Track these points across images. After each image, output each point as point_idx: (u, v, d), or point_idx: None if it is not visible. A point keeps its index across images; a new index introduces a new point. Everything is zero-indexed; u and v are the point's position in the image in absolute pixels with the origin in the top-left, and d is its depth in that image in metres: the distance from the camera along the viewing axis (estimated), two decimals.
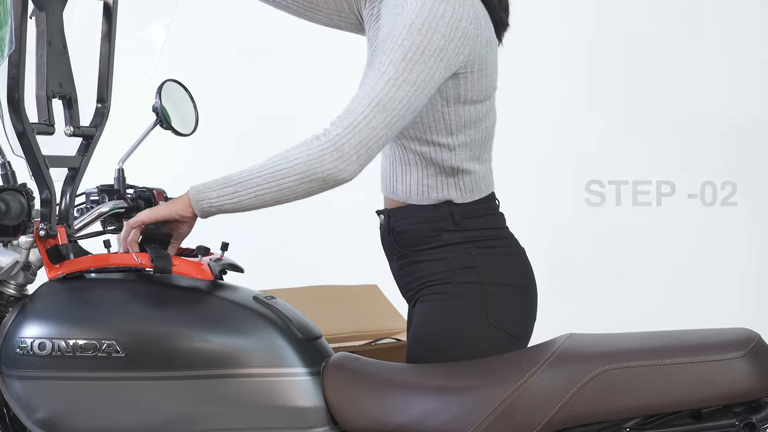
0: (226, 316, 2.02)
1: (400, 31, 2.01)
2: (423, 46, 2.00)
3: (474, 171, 2.19)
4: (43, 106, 2.11)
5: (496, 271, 2.16)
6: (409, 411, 1.95)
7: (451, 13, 2.03)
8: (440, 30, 2.01)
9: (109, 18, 2.26)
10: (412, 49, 2.00)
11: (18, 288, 2.13)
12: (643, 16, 4.20)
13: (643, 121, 4.19)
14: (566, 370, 1.89)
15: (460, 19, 2.04)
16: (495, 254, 2.18)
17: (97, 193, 2.28)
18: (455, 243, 2.16)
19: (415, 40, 2.00)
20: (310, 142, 2.00)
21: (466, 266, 2.15)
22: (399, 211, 2.22)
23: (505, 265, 2.18)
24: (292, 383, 2.00)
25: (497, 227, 2.23)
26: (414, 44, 2.00)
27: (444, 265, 2.16)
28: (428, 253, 2.18)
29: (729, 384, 1.84)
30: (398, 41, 2.01)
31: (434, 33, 2.01)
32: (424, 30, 2.01)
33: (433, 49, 2.01)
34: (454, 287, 2.14)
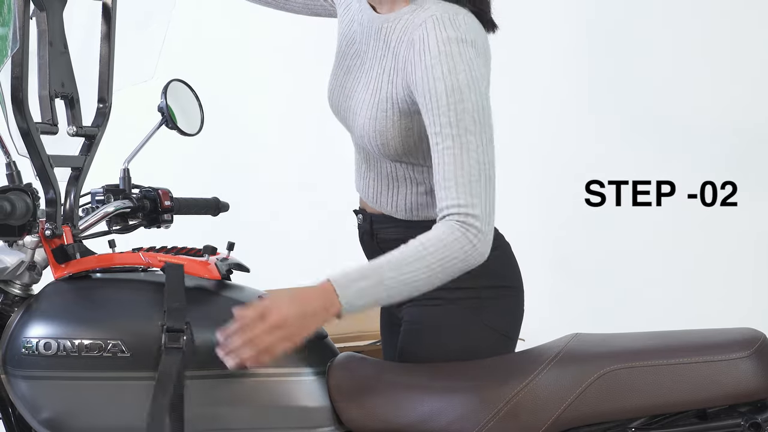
0: (231, 316, 2.02)
1: (451, 95, 1.95)
2: (480, 100, 1.97)
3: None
4: (46, 105, 2.12)
5: (488, 274, 2.09)
6: (414, 411, 1.96)
7: (472, 49, 1.99)
8: (478, 74, 1.99)
9: (108, 18, 2.27)
10: (473, 108, 1.96)
11: (23, 288, 2.13)
12: (644, 15, 4.20)
13: (643, 121, 4.19)
14: (571, 370, 1.90)
15: (479, 47, 2.01)
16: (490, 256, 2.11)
17: (102, 193, 2.28)
18: None
19: (473, 99, 1.96)
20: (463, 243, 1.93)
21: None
22: (384, 219, 2.20)
23: (498, 267, 2.15)
24: (298, 383, 2.00)
25: None
26: (475, 103, 1.96)
27: None
28: None
29: (734, 384, 1.85)
30: (457, 107, 1.95)
31: (479, 81, 1.98)
32: (472, 85, 1.97)
33: (485, 95, 1.99)
34: (446, 292, 2.06)
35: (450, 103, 1.96)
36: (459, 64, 1.97)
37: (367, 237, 2.25)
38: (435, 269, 1.93)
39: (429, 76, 1.97)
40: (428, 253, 1.93)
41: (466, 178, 1.95)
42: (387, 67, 2.08)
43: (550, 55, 4.26)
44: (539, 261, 4.15)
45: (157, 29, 2.34)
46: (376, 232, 2.22)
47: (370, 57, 2.15)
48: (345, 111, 2.18)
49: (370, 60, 2.14)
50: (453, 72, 1.96)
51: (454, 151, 1.95)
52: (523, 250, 4.21)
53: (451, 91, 1.96)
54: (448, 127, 1.96)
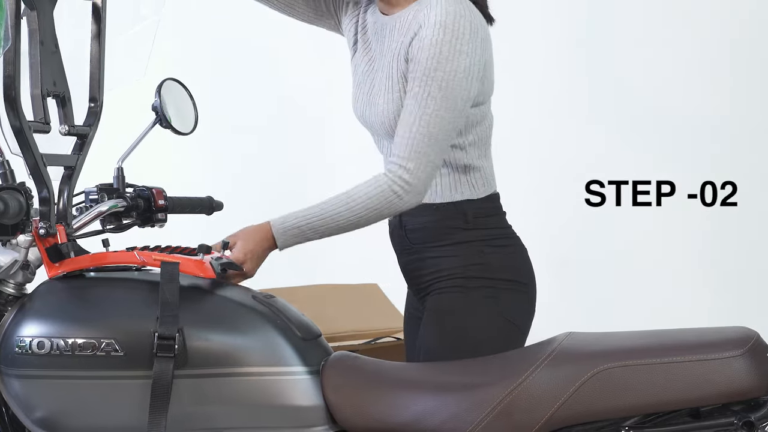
0: (225, 315, 2.02)
1: (429, 61, 2.13)
2: (453, 71, 2.13)
3: (483, 167, 2.29)
4: (39, 104, 2.12)
5: (505, 268, 2.24)
6: (408, 410, 1.95)
7: (469, 28, 2.14)
8: (464, 49, 2.13)
9: (98, 18, 2.27)
10: (444, 78, 2.12)
11: (17, 287, 2.13)
12: (645, 15, 4.20)
13: (643, 121, 4.19)
14: (565, 368, 1.89)
15: (476, 29, 2.15)
16: (505, 253, 2.26)
17: (96, 192, 2.28)
18: (468, 241, 2.24)
19: (445, 69, 2.12)
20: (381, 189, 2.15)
21: (478, 263, 2.23)
22: (412, 209, 2.25)
23: (514, 263, 2.27)
24: (291, 382, 2.00)
25: (505, 226, 2.31)
26: (446, 73, 2.13)
27: (457, 261, 2.24)
28: (441, 249, 2.25)
29: (727, 382, 1.84)
30: (430, 72, 2.13)
31: (459, 54, 2.12)
32: (450, 56, 2.12)
33: (462, 69, 2.13)
34: (466, 281, 2.22)
35: (426, 69, 2.13)
36: (448, 34, 2.13)
37: (397, 230, 2.33)
38: (361, 215, 2.17)
39: (419, 44, 2.14)
40: (356, 203, 2.16)
41: (412, 135, 2.14)
42: (395, 53, 2.21)
43: (550, 55, 4.26)
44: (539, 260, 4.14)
45: (148, 29, 2.35)
46: (404, 223, 2.30)
47: (385, 53, 2.26)
48: (369, 111, 2.28)
49: (385, 56, 2.25)
50: (438, 43, 2.12)
51: (412, 109, 2.14)
52: None
53: (431, 58, 2.12)
54: (416, 88, 2.14)
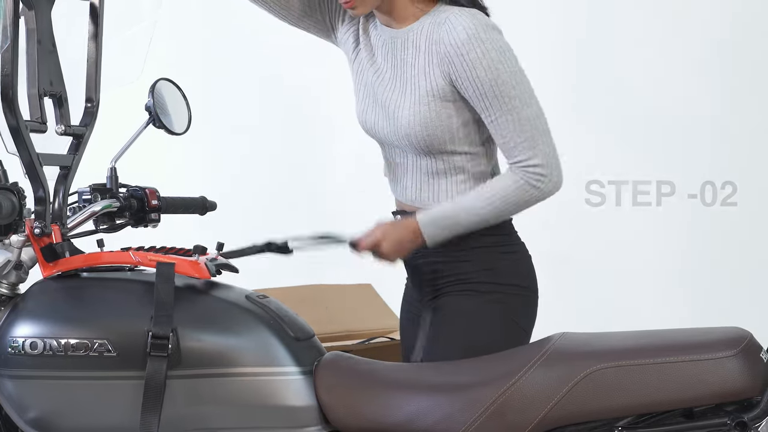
0: (218, 315, 2.02)
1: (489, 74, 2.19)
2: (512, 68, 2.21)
3: (496, 172, 2.32)
4: (36, 103, 2.12)
5: (514, 274, 2.28)
6: (401, 410, 1.95)
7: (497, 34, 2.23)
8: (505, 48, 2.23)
9: (95, 18, 2.27)
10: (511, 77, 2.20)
11: (10, 287, 2.13)
12: (644, 15, 4.20)
13: (643, 121, 4.19)
14: (558, 369, 1.89)
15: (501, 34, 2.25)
16: (513, 259, 2.29)
17: (89, 192, 2.28)
18: (479, 247, 2.26)
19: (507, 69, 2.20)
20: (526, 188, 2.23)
21: (488, 268, 2.26)
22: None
23: (521, 269, 2.30)
24: (285, 382, 2.00)
25: (513, 233, 2.34)
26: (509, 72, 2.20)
27: (469, 266, 2.26)
28: (453, 254, 2.26)
29: (721, 383, 1.84)
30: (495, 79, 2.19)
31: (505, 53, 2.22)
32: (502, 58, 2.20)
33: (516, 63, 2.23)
34: (478, 285, 2.24)
35: (491, 83, 2.19)
36: (488, 44, 2.19)
37: None
38: (502, 209, 2.24)
39: (464, 63, 2.20)
40: (497, 199, 2.22)
41: (521, 137, 2.22)
42: (421, 67, 2.24)
43: (549, 54, 4.26)
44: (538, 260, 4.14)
45: (145, 30, 2.35)
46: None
47: (399, 66, 2.28)
48: (382, 124, 2.30)
49: (400, 68, 2.28)
50: (486, 54, 2.19)
51: (506, 117, 2.21)
52: None
53: (488, 70, 2.19)
54: (495, 100, 2.20)
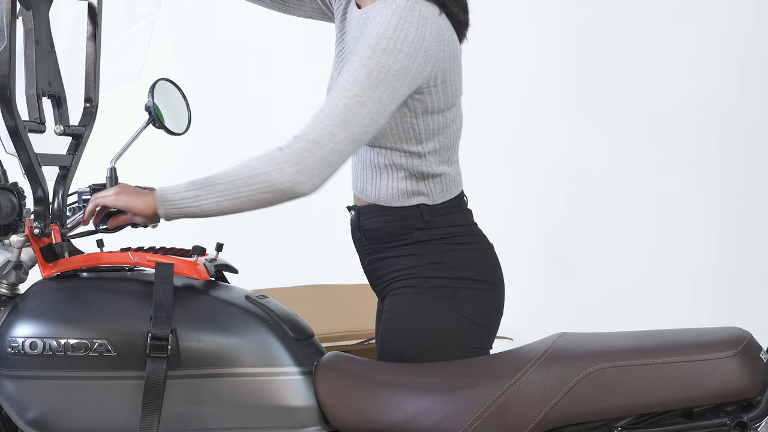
0: (218, 316, 2.02)
1: (365, 49, 2.04)
2: (387, 66, 2.03)
3: (444, 174, 2.21)
4: (34, 104, 2.12)
5: (465, 267, 2.18)
6: (401, 410, 1.96)
7: (414, 34, 2.06)
8: (404, 50, 2.05)
9: (93, 19, 2.27)
10: (377, 68, 2.03)
11: (9, 287, 2.13)
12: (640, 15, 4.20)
13: (637, 120, 4.19)
14: (558, 369, 1.90)
15: (423, 38, 2.07)
16: (464, 250, 2.19)
17: (89, 192, 2.28)
18: (425, 240, 2.18)
19: (380, 60, 2.03)
20: (271, 154, 2.02)
21: (436, 262, 2.17)
22: (369, 210, 2.23)
23: (475, 261, 2.20)
24: (284, 382, 2.00)
25: (466, 224, 2.24)
26: (379, 64, 2.03)
27: (414, 260, 2.18)
28: (398, 249, 2.19)
29: (720, 383, 1.85)
30: (363, 59, 2.04)
31: (398, 53, 2.04)
32: (388, 50, 2.04)
33: (397, 68, 2.04)
34: (424, 281, 2.16)
35: (360, 56, 2.04)
36: (389, 32, 2.04)
37: (356, 230, 2.28)
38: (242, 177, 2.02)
39: (361, 37, 2.08)
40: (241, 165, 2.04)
41: (324, 113, 2.03)
42: (347, 45, 2.17)
43: (546, 53, 4.26)
44: (530, 261, 4.15)
45: (143, 29, 2.35)
46: (362, 223, 2.25)
47: (349, 48, 2.21)
48: None
49: (348, 51, 2.21)
50: (377, 36, 2.04)
51: (335, 92, 2.04)
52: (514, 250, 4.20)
53: (366, 48, 2.04)
54: (346, 71, 2.05)
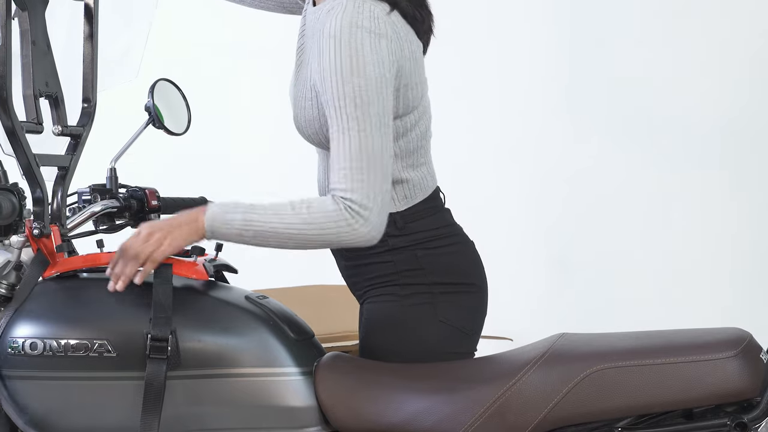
0: (218, 316, 2.02)
1: (334, 79, 1.98)
2: (364, 85, 1.98)
3: (407, 179, 2.15)
4: (31, 104, 2.12)
5: (443, 271, 2.14)
6: (401, 410, 1.95)
7: (368, 38, 2.00)
8: (368, 59, 1.99)
9: (90, 19, 2.27)
10: (356, 94, 1.98)
11: (9, 288, 2.13)
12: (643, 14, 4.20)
13: (636, 120, 4.19)
14: (558, 370, 1.89)
15: (379, 37, 2.01)
16: (442, 253, 2.15)
17: (89, 192, 2.28)
18: (400, 247, 2.14)
19: (354, 83, 1.98)
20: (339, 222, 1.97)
21: (413, 268, 2.13)
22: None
23: (453, 264, 2.16)
24: (284, 383, 2.00)
25: (443, 225, 2.19)
26: (356, 87, 1.98)
27: (390, 267, 2.14)
28: (374, 256, 2.14)
29: (720, 384, 1.85)
30: (340, 92, 1.98)
31: (365, 66, 1.98)
32: (355, 68, 1.98)
33: (374, 80, 1.99)
34: (401, 288, 2.13)
35: (334, 88, 1.98)
36: (345, 49, 1.98)
37: None
38: (303, 229, 1.97)
39: (319, 60, 2.01)
40: (303, 210, 1.98)
41: (345, 164, 1.97)
42: (311, 57, 2.11)
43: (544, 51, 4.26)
44: (530, 262, 4.15)
45: (140, 29, 2.35)
46: None
47: (307, 49, 2.17)
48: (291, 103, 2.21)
49: (307, 52, 2.16)
50: (338, 56, 1.98)
51: (338, 135, 1.98)
52: (514, 251, 4.21)
53: (335, 75, 1.98)
54: (333, 111, 1.99)
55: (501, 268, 2.25)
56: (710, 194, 4.12)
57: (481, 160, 4.19)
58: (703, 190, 4.13)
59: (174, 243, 2.00)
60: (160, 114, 2.32)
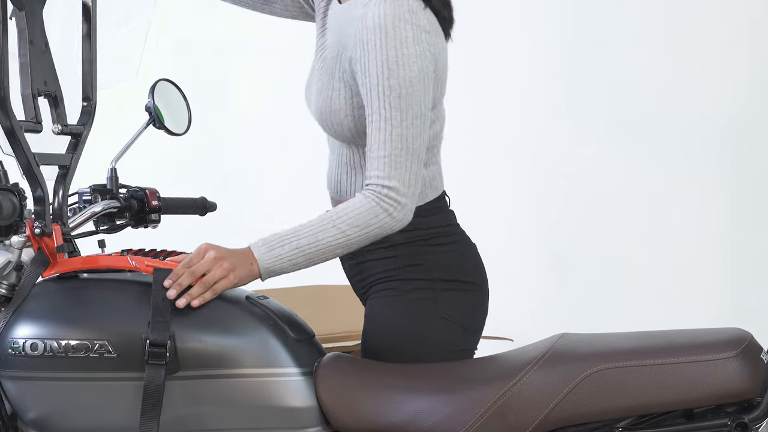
0: (218, 317, 2.02)
1: (379, 70, 2.04)
2: (408, 76, 2.04)
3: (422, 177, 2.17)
4: (30, 104, 2.12)
5: (445, 268, 2.18)
6: (401, 411, 1.95)
7: (411, 30, 2.05)
8: (412, 52, 2.05)
9: (88, 18, 2.26)
10: (401, 84, 2.04)
11: (10, 288, 2.12)
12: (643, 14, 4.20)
13: (635, 120, 4.19)
14: (559, 370, 1.89)
15: (421, 30, 2.07)
16: (444, 251, 2.19)
17: (89, 192, 2.28)
18: (404, 242, 2.17)
19: (399, 75, 2.04)
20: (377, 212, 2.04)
21: (415, 263, 2.17)
22: None
23: (454, 262, 2.19)
24: (285, 383, 2.00)
25: (446, 224, 2.23)
26: (400, 79, 2.04)
27: (393, 262, 2.18)
28: (377, 252, 2.18)
29: (721, 384, 1.84)
30: (384, 83, 2.04)
31: (408, 58, 2.04)
32: (400, 61, 2.04)
33: (416, 72, 2.05)
34: (403, 284, 2.16)
35: (378, 78, 2.04)
36: (390, 41, 2.04)
37: None
38: (349, 235, 2.05)
39: (362, 50, 2.06)
40: (342, 221, 2.05)
41: (387, 152, 2.05)
42: (339, 48, 2.14)
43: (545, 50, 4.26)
44: (530, 262, 4.15)
45: (139, 28, 2.35)
46: None
47: (331, 45, 2.20)
48: (311, 103, 2.24)
49: (330, 48, 2.19)
50: (383, 48, 2.03)
51: (380, 124, 2.05)
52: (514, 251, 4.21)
53: (380, 66, 2.04)
54: (376, 101, 2.05)
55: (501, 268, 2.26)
56: (710, 194, 4.12)
57: (481, 160, 4.19)
58: (703, 190, 4.13)
59: (235, 280, 2.04)
60: (160, 114, 2.32)
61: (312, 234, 2.05)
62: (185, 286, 2.01)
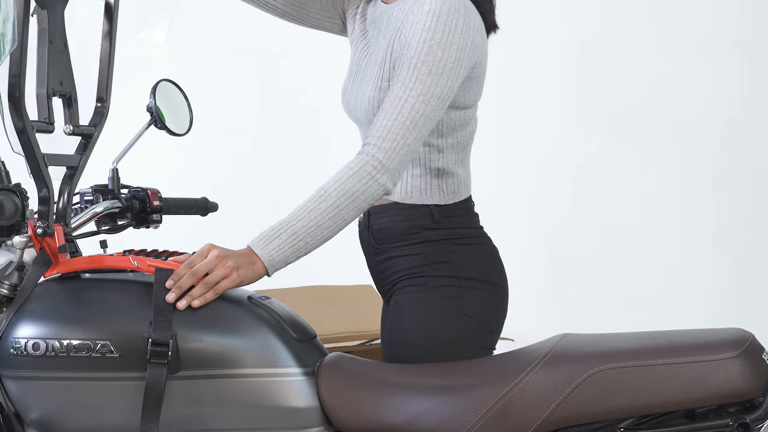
0: (220, 317, 2.02)
1: (420, 44, 2.08)
2: (444, 59, 2.08)
3: (457, 174, 2.24)
4: (43, 104, 2.11)
5: (471, 267, 2.20)
6: (403, 411, 1.95)
7: (462, 23, 2.11)
8: (456, 41, 2.09)
9: (110, 17, 2.25)
10: (435, 63, 2.08)
11: (11, 288, 2.12)
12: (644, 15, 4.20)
13: (636, 120, 4.19)
14: (561, 370, 1.89)
15: (469, 28, 2.12)
16: (471, 251, 2.22)
17: (91, 193, 2.28)
18: (434, 240, 2.20)
19: (437, 55, 2.08)
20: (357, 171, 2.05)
21: (443, 260, 2.19)
22: (379, 209, 2.24)
23: (480, 262, 2.22)
24: (287, 383, 2.00)
25: (474, 226, 2.27)
26: (437, 59, 2.08)
27: (421, 259, 2.20)
28: (406, 248, 2.21)
29: (723, 384, 1.85)
30: (421, 56, 2.08)
31: (451, 45, 2.09)
32: (443, 44, 2.08)
33: (453, 60, 2.09)
34: (430, 280, 2.18)
35: (416, 52, 2.08)
36: (441, 24, 2.09)
37: (365, 230, 2.30)
38: (339, 205, 2.05)
39: (411, 30, 2.11)
40: (329, 194, 2.05)
41: (394, 118, 2.08)
42: (390, 40, 2.18)
43: (548, 54, 4.26)
44: (532, 262, 4.15)
45: (160, 29, 2.33)
46: (372, 223, 2.27)
47: (380, 41, 2.23)
48: (355, 100, 2.26)
49: (380, 44, 2.23)
50: (431, 29, 2.08)
51: (399, 92, 2.08)
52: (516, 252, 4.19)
53: (423, 42, 2.08)
54: (405, 71, 2.09)
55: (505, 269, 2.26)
56: (711, 194, 4.12)
57: (482, 160, 4.18)
58: (704, 189, 4.13)
59: (238, 279, 2.03)
60: (161, 115, 2.32)
61: (305, 216, 2.05)
62: (186, 288, 2.01)
